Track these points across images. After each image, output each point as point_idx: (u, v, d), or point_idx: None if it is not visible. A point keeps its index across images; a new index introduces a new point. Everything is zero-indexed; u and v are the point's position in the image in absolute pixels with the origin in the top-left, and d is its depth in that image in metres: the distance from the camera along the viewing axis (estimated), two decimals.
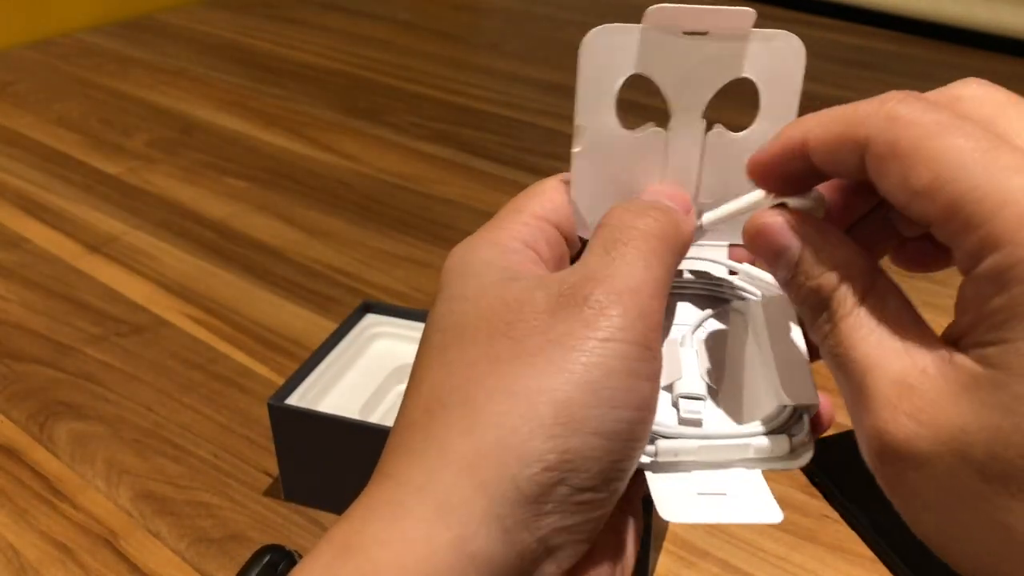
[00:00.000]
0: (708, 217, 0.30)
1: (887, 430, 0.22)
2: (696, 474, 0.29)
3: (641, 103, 0.31)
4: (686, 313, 0.32)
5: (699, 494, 0.29)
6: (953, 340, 0.22)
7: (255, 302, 0.76)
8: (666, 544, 0.53)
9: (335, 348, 0.58)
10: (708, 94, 0.30)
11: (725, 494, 0.29)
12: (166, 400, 0.65)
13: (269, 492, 0.57)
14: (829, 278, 0.25)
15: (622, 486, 0.25)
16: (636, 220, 0.27)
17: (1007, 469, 0.20)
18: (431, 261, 0.82)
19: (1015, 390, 0.20)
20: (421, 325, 0.60)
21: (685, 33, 0.28)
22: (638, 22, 0.31)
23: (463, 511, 0.23)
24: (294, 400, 0.54)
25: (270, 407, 0.53)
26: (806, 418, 0.29)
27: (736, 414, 0.30)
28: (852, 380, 0.23)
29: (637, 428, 0.25)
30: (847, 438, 0.32)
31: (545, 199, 0.29)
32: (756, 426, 0.29)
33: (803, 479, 0.58)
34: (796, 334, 0.29)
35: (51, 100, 1.18)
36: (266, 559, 0.26)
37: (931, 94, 0.25)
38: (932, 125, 0.22)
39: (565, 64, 1.48)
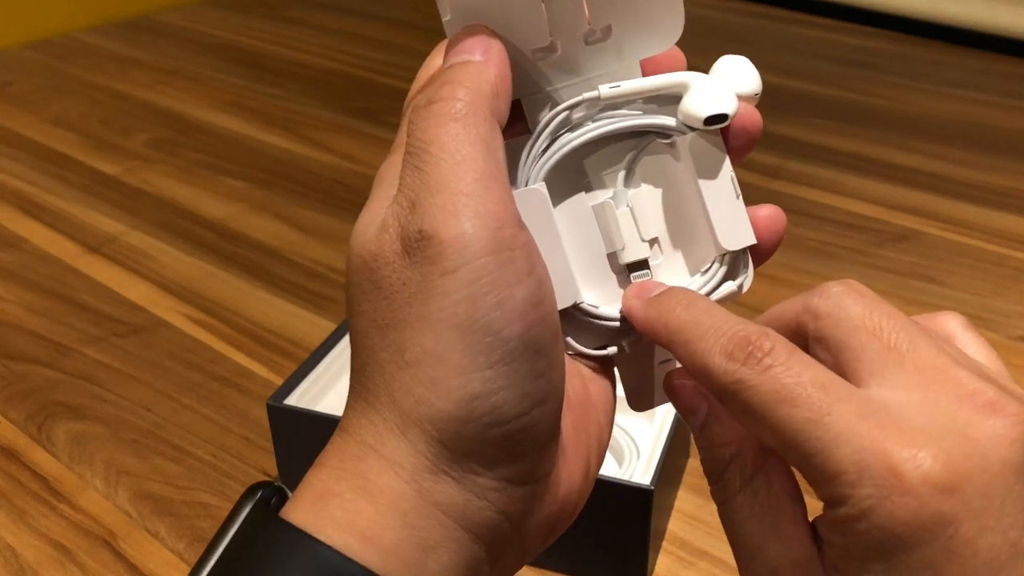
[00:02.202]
0: (609, 91, 0.28)
1: None
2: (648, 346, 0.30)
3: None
4: (609, 157, 0.29)
5: (657, 364, 0.30)
6: (819, 530, 0.25)
7: (254, 302, 0.76)
8: (665, 544, 0.53)
9: (334, 348, 0.58)
10: None
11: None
12: (165, 400, 0.65)
13: None
14: (723, 452, 0.26)
15: (552, 394, 0.25)
16: (428, 116, 0.25)
17: None
18: None
19: None
20: None
21: None
22: None
23: (412, 467, 0.25)
24: (293, 400, 0.54)
25: (269, 407, 0.53)
26: (747, 255, 0.29)
27: (681, 265, 0.30)
28: (738, 552, 0.26)
29: (532, 332, 0.24)
30: None
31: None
32: (705, 280, 0.29)
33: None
34: (726, 171, 0.28)
35: (50, 100, 1.18)
36: (258, 495, 0.27)
37: (789, 311, 0.27)
38: (771, 394, 0.24)
39: None
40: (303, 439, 0.54)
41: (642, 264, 0.29)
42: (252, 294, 0.77)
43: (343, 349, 0.59)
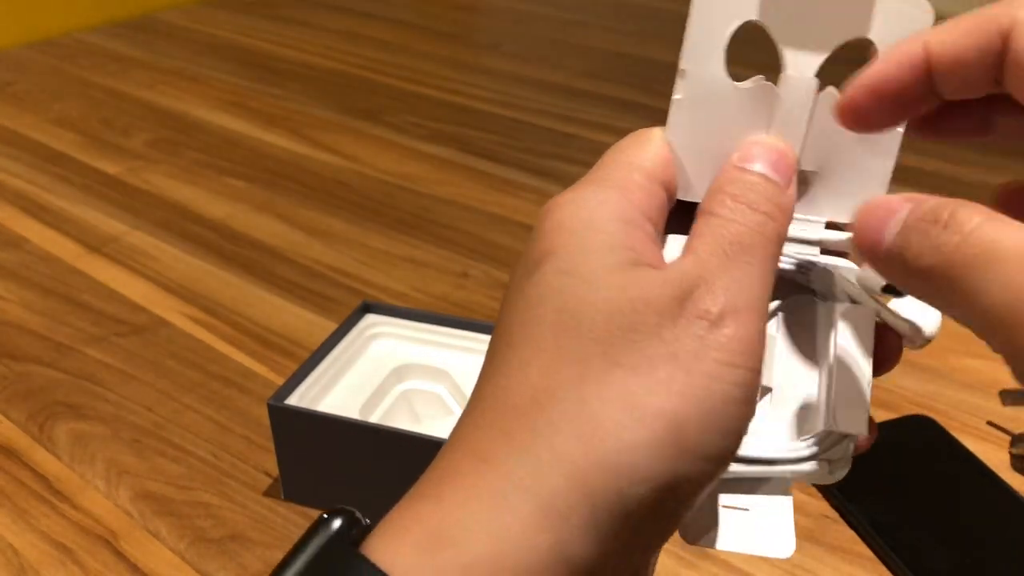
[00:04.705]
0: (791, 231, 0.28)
1: None
2: (724, 485, 0.29)
3: (746, 57, 0.29)
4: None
5: (723, 507, 0.29)
6: None
7: (255, 302, 0.76)
8: (666, 544, 0.53)
9: (335, 348, 0.58)
10: (825, 52, 0.27)
11: (748, 510, 0.29)
12: (166, 400, 0.65)
13: (269, 492, 0.57)
14: (958, 204, 0.23)
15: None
16: (755, 216, 0.25)
17: None
18: (431, 261, 0.82)
19: None
20: (421, 325, 0.61)
21: None
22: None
23: (567, 517, 0.23)
24: (294, 400, 0.54)
25: (270, 407, 0.53)
26: (850, 444, 0.28)
27: (784, 424, 0.29)
28: (987, 260, 0.22)
29: (732, 450, 0.25)
30: None
31: (657, 155, 0.27)
32: (799, 448, 0.28)
33: None
34: (867, 355, 0.28)
35: (51, 100, 1.18)
36: (335, 526, 0.24)
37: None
38: None
39: (565, 64, 1.47)
40: (304, 439, 0.54)
41: None
42: (253, 294, 0.77)
43: (344, 349, 0.59)
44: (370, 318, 0.61)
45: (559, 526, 0.23)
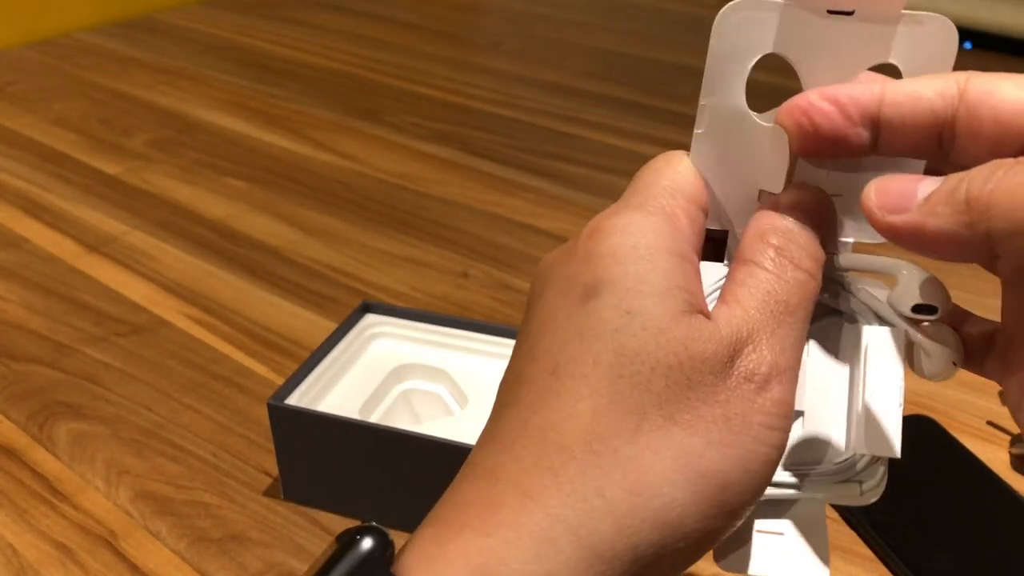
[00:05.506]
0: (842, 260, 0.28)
1: None
2: (758, 509, 0.29)
3: (768, 83, 0.30)
4: None
5: (757, 531, 0.29)
6: None
7: (254, 302, 0.76)
8: None
9: (335, 348, 0.58)
10: (848, 79, 0.27)
11: (783, 534, 0.29)
12: (166, 400, 0.65)
13: (269, 492, 0.57)
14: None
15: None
16: (797, 274, 0.26)
17: None
18: (431, 261, 0.82)
19: None
20: (421, 325, 0.61)
21: (829, 12, 0.26)
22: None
23: (611, 565, 0.24)
24: (294, 400, 0.54)
25: (270, 407, 0.53)
26: (880, 466, 0.28)
27: (813, 446, 0.29)
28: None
29: (753, 506, 0.26)
30: None
31: (695, 180, 0.28)
32: (830, 471, 0.28)
33: None
34: (897, 376, 0.27)
35: (51, 100, 1.18)
36: (366, 546, 0.24)
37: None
38: None
39: (565, 64, 1.47)
40: (304, 439, 0.54)
41: None
42: (253, 294, 0.77)
43: (344, 349, 0.59)
44: (370, 318, 0.61)
45: (603, 572, 0.24)
